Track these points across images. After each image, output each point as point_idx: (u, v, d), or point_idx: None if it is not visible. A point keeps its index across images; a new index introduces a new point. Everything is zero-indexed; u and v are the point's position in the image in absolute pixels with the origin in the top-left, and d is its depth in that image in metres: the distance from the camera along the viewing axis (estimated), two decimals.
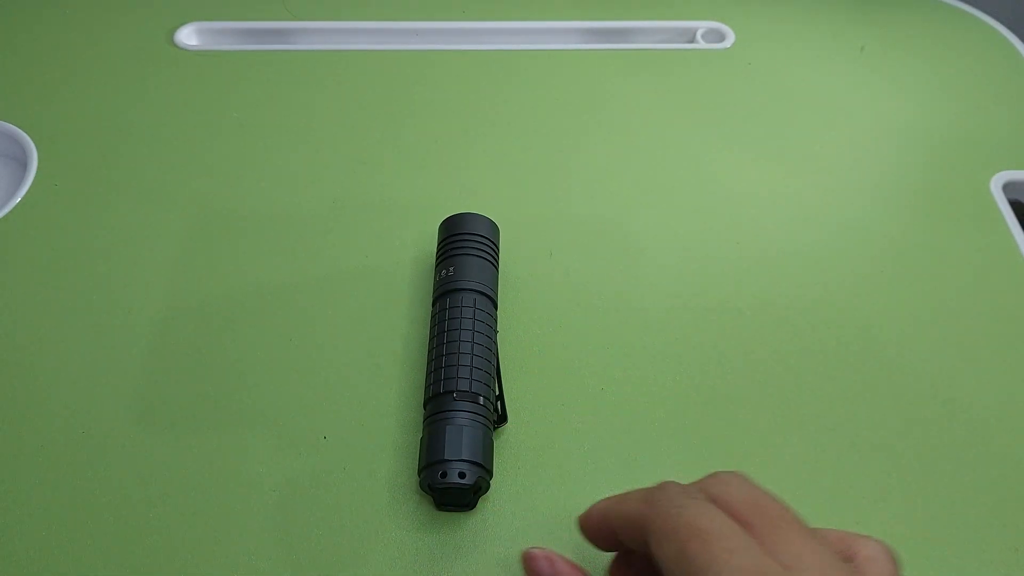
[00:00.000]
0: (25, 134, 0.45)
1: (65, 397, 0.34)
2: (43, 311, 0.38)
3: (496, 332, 0.35)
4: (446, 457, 0.30)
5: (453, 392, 0.31)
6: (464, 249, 0.36)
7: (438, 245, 0.37)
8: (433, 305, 0.35)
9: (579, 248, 0.41)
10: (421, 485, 0.31)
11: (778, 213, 0.43)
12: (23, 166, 0.45)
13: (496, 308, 0.36)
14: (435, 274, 0.36)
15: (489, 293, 0.35)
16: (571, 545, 0.31)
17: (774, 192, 0.45)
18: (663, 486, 0.25)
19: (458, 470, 0.29)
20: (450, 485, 0.30)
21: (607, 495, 0.32)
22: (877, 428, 0.35)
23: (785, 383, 0.36)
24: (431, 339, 0.34)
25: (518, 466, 0.33)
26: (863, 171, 0.46)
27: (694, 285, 0.40)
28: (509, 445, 0.34)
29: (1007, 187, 0.46)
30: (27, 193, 0.43)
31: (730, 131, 0.48)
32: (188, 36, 0.53)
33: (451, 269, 0.35)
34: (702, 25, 0.55)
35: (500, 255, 0.40)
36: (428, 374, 0.33)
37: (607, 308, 0.39)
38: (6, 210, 0.42)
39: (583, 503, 0.32)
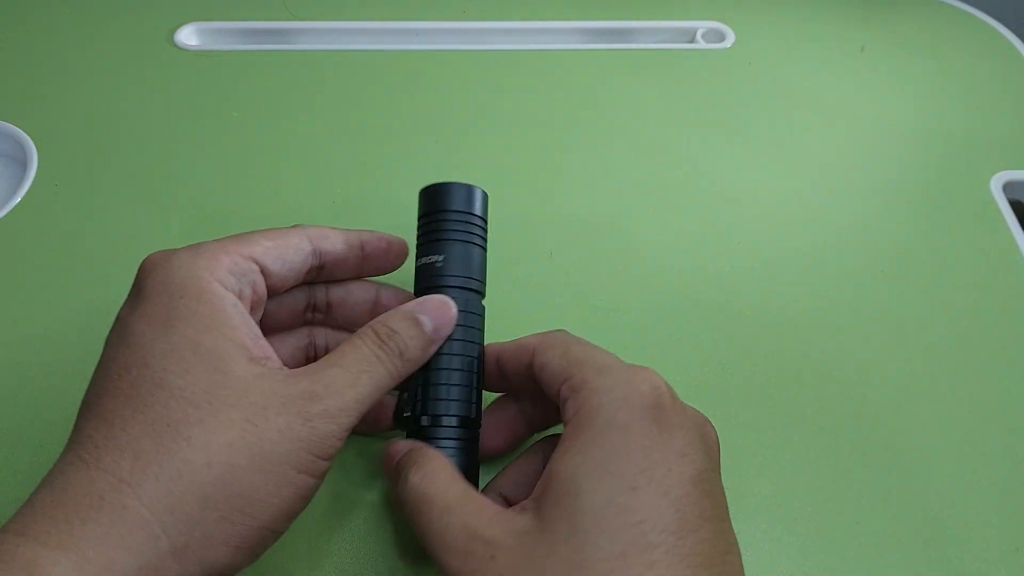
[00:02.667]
0: (25, 134, 0.45)
1: (65, 397, 0.34)
2: (43, 311, 0.38)
3: (483, 330, 0.31)
4: None
5: (437, 416, 0.29)
6: (452, 233, 0.31)
7: (420, 218, 0.32)
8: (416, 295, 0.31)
9: (579, 248, 0.41)
10: None
11: (778, 213, 0.43)
12: (23, 166, 0.45)
13: (483, 297, 0.32)
14: (417, 254, 0.31)
15: (478, 288, 0.31)
16: None
17: (774, 192, 0.45)
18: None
19: None
20: None
21: None
22: (877, 428, 0.35)
23: (785, 383, 0.36)
24: None
25: None
26: (863, 171, 0.46)
27: (694, 285, 0.40)
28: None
29: (1007, 187, 0.46)
30: (27, 193, 0.43)
31: (730, 131, 0.48)
32: (188, 36, 0.53)
33: (438, 259, 0.30)
34: (702, 25, 0.55)
35: (499, 255, 0.40)
36: (410, 387, 0.29)
37: (607, 308, 0.39)
38: (6, 210, 0.42)
39: None
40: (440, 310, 0.28)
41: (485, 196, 0.32)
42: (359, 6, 0.55)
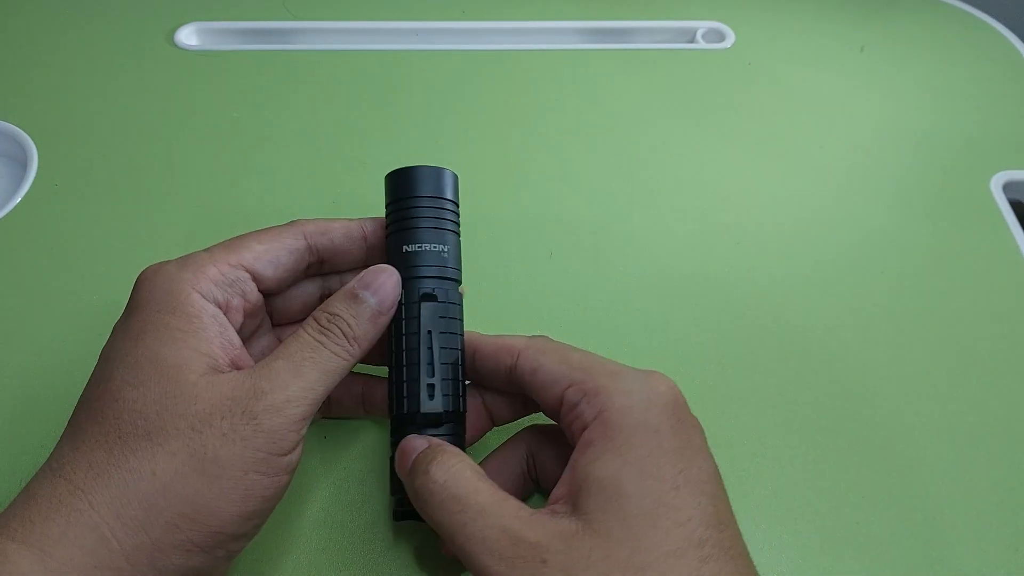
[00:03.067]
0: (25, 134, 0.45)
1: (66, 397, 0.34)
2: (43, 312, 0.38)
3: (463, 319, 0.30)
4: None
5: (427, 414, 0.28)
6: (425, 221, 0.29)
7: (389, 204, 0.30)
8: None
9: (579, 249, 0.41)
10: (393, 507, 0.29)
11: (778, 213, 0.43)
12: (23, 166, 0.45)
13: (460, 283, 0.31)
14: (389, 242, 0.30)
15: (456, 276, 0.30)
16: None
17: (774, 192, 0.45)
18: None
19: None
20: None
21: None
22: (877, 428, 0.35)
23: (785, 383, 0.36)
24: (396, 335, 0.29)
25: None
26: (863, 171, 0.46)
27: (694, 286, 0.40)
28: None
29: (1007, 187, 0.46)
30: (27, 193, 0.43)
31: (730, 131, 0.48)
32: (188, 36, 0.53)
33: (416, 247, 0.29)
34: (702, 25, 0.55)
35: (499, 255, 0.40)
36: (393, 382, 0.29)
37: (607, 309, 0.39)
38: (6, 210, 0.42)
39: None
40: (379, 279, 0.28)
41: (455, 178, 0.31)
42: (359, 6, 0.55)
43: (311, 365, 0.26)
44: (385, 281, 0.28)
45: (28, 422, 0.34)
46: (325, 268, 0.31)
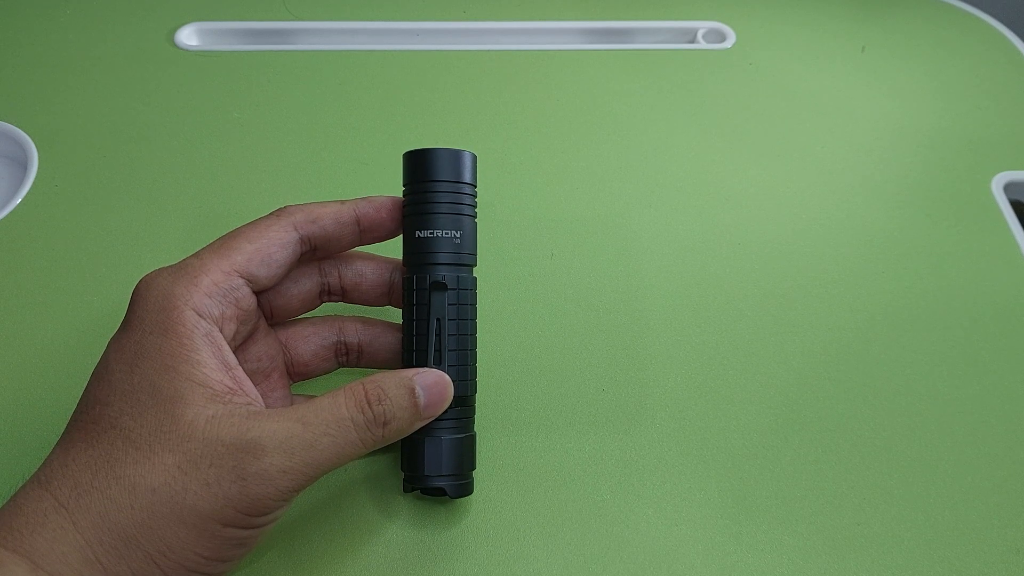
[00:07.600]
0: (25, 134, 0.45)
1: (66, 398, 0.34)
2: (44, 313, 0.38)
3: (475, 304, 0.31)
4: (426, 473, 0.29)
5: None
6: (443, 207, 0.30)
7: (407, 184, 0.31)
8: (410, 275, 0.30)
9: (580, 249, 0.41)
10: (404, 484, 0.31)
11: (779, 214, 0.43)
12: (23, 167, 0.45)
13: (475, 266, 0.31)
14: (406, 223, 0.30)
15: (471, 261, 0.31)
16: (571, 544, 0.31)
17: (775, 192, 0.45)
18: None
19: (438, 485, 0.29)
20: (432, 496, 0.31)
21: (606, 496, 0.32)
22: (877, 428, 0.35)
23: (785, 383, 0.36)
24: (408, 320, 0.30)
25: (519, 466, 0.33)
26: (864, 171, 0.46)
27: (695, 286, 0.40)
28: (509, 445, 0.34)
29: (1008, 187, 0.46)
30: (27, 194, 0.43)
31: (731, 131, 0.48)
32: (188, 36, 0.53)
33: (429, 233, 0.30)
34: (703, 25, 0.55)
35: (500, 256, 0.40)
36: (403, 367, 0.29)
37: (608, 309, 0.39)
38: (6, 211, 0.42)
39: (583, 503, 0.32)
40: (438, 388, 0.27)
41: (474, 159, 0.31)
42: (359, 6, 0.55)
43: (328, 442, 0.24)
44: (441, 392, 0.27)
45: (28, 423, 0.34)
46: (319, 254, 0.31)
